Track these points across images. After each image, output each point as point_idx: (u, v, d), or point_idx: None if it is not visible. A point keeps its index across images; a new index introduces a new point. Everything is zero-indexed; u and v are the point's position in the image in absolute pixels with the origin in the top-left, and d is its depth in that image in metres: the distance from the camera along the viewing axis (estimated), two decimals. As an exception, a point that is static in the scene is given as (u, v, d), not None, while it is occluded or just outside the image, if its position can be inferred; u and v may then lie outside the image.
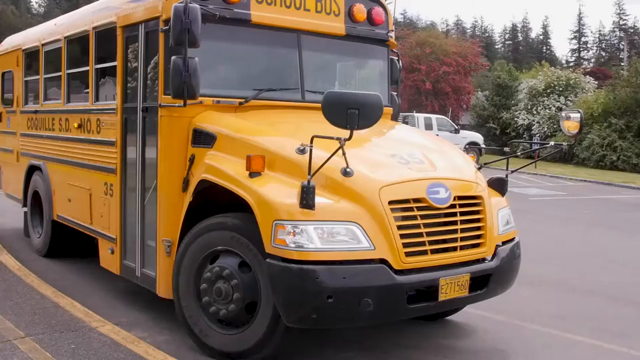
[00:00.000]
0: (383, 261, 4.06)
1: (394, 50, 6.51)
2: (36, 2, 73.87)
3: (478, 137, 31.14)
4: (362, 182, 4.16)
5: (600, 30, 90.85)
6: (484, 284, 4.71)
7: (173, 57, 4.55)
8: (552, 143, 5.50)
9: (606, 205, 16.97)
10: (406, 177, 4.37)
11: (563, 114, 5.12)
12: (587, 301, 6.96)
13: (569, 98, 34.12)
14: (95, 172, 6.32)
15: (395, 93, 6.77)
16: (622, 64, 39.85)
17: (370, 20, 6.02)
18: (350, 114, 3.57)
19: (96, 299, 6.15)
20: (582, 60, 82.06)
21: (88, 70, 6.53)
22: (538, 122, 34.27)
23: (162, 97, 5.08)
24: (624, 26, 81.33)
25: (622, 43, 53.00)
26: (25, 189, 8.55)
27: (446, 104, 36.36)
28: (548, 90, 34.67)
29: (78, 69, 7.03)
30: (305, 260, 3.87)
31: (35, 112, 8.11)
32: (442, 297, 4.32)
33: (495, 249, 4.80)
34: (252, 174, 4.20)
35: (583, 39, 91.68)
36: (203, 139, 4.87)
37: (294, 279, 3.87)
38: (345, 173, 4.12)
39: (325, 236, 3.92)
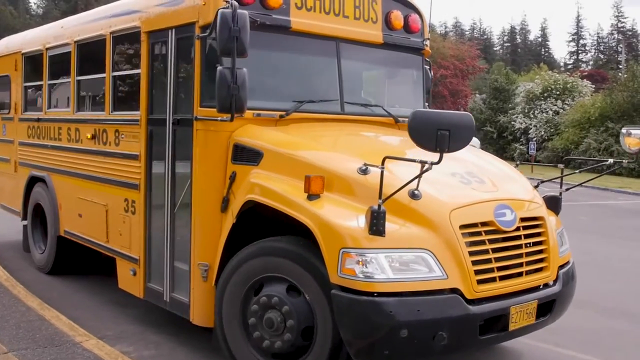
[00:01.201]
0: (455, 290, 3.86)
1: (426, 59, 6.36)
2: (34, 3, 75.56)
3: (475, 141, 31.09)
4: (431, 205, 3.95)
5: (598, 33, 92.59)
6: (548, 310, 4.54)
7: (219, 68, 4.31)
8: (611, 161, 5.34)
9: (603, 212, 16.98)
10: (474, 198, 4.18)
11: (624, 130, 4.97)
12: (579, 312, 6.73)
13: (566, 102, 34.35)
14: (113, 187, 6.05)
15: (427, 104, 6.60)
16: (620, 66, 40.31)
17: (406, 27, 5.88)
18: (440, 135, 3.36)
19: (83, 310, 6.18)
20: (580, 63, 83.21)
21: (102, 78, 6.26)
22: (535, 126, 34.42)
23: (198, 109, 4.83)
24: (622, 29, 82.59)
25: (620, 45, 53.80)
26: (25, 202, 8.23)
27: (443, 107, 36.34)
28: (545, 94, 34.88)
29: (90, 76, 6.75)
30: (376, 291, 3.65)
31: (38, 120, 7.80)
32: (512, 327, 4.13)
33: (557, 272, 4.65)
34: (311, 196, 3.97)
35: (581, 41, 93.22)
36: (246, 155, 4.63)
37: (365, 312, 3.64)
38: (413, 195, 3.91)
39: (396, 265, 3.71)
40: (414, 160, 3.60)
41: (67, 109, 7.07)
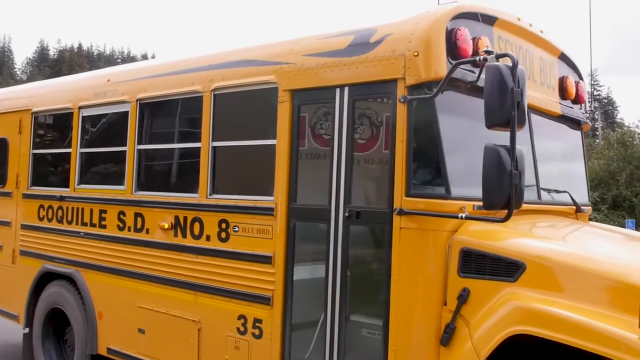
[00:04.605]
0: None
1: None
2: (19, 69, 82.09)
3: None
4: None
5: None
6: None
7: (490, 146, 3.26)
8: None
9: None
10: None
11: None
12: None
13: (544, 169, 34.89)
14: (215, 299, 4.74)
15: None
16: (597, 133, 41.71)
17: (576, 97, 5.10)
18: None
19: None
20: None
21: (193, 149, 5.04)
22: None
23: (403, 198, 3.69)
24: (597, 97, 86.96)
25: (597, 113, 56.41)
26: (32, 304, 6.69)
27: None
28: (523, 162, 35.36)
29: (165, 145, 5.52)
30: None
31: (61, 198, 6.38)
32: None
33: None
34: None
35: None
36: (490, 266, 3.50)
37: None
38: None
39: None
40: None
41: (119, 186, 5.73)
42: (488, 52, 3.38)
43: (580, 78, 5.29)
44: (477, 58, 3.47)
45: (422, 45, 3.69)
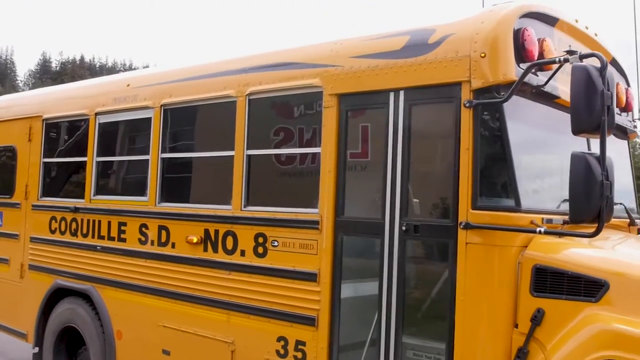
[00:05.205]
0: None
1: None
2: (21, 80, 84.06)
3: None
4: None
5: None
6: None
7: (577, 153, 3.03)
8: None
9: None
10: None
11: None
12: None
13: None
14: (251, 318, 4.46)
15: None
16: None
17: (627, 104, 4.87)
18: None
19: None
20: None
21: (226, 157, 4.78)
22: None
23: (469, 211, 3.44)
24: None
25: None
26: (42, 322, 6.38)
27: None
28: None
29: (191, 154, 5.26)
30: None
31: (76, 209, 6.09)
32: None
33: None
34: None
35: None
36: (568, 285, 3.25)
37: None
38: None
39: None
40: None
41: (141, 197, 5.45)
42: (570, 52, 3.15)
43: (629, 84, 5.09)
44: (557, 58, 3.24)
45: (488, 46, 3.46)
